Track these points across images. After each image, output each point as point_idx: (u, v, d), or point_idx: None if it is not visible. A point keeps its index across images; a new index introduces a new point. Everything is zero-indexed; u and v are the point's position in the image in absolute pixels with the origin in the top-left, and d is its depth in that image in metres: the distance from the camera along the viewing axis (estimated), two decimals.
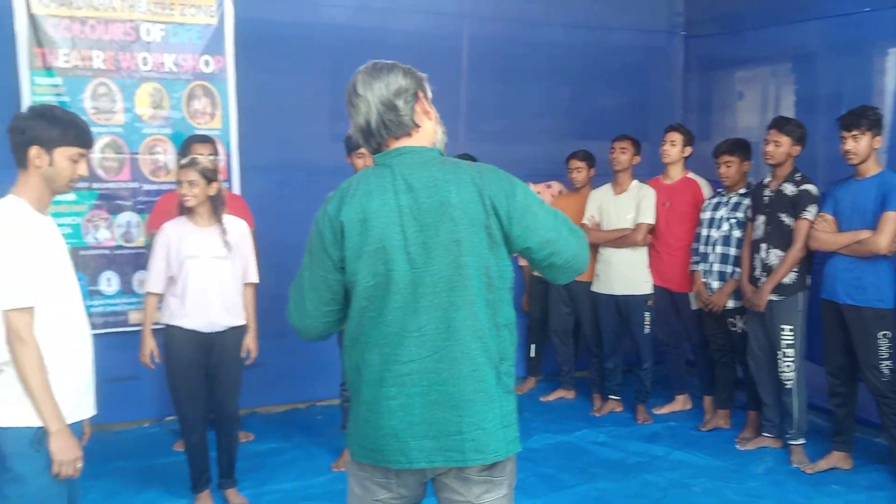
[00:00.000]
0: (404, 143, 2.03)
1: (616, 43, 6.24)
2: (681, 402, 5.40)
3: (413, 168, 1.98)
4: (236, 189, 4.99)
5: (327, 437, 4.85)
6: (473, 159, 3.70)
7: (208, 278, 3.68)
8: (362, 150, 4.18)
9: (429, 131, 2.07)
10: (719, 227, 4.76)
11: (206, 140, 4.53)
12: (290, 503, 4.02)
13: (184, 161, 3.74)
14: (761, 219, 4.45)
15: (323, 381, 5.07)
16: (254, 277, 3.89)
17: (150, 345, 3.80)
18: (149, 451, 4.69)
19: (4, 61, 4.49)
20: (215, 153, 4.51)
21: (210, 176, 3.67)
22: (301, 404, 5.50)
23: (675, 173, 5.11)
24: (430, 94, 2.10)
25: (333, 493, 4.10)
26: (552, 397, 5.66)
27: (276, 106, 5.18)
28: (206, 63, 4.95)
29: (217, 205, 3.72)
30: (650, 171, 5.58)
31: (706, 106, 6.46)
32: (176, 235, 3.68)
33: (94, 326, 2.67)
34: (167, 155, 4.92)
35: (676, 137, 5.05)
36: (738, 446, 4.74)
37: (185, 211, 3.72)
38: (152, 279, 3.75)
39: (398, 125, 2.01)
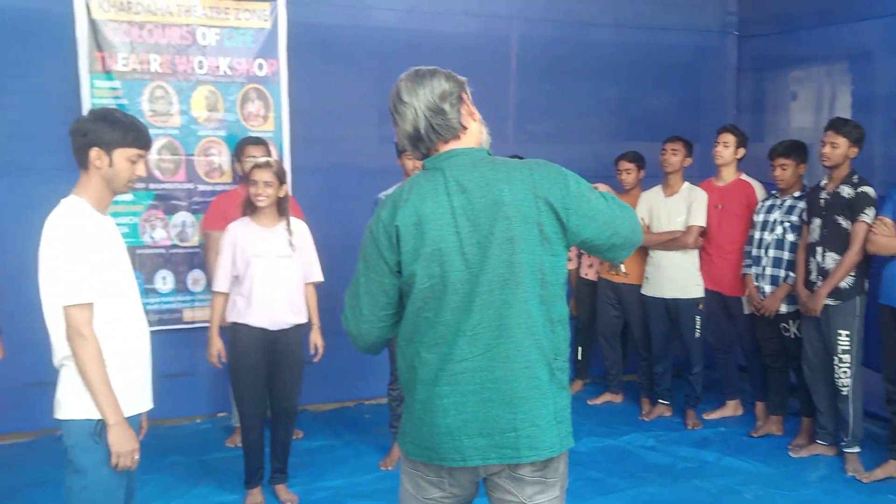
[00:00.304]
0: (453, 145, 2.04)
1: (667, 43, 6.18)
2: (732, 408, 5.32)
3: (464, 169, 1.99)
4: (288, 190, 5.06)
5: (375, 436, 4.90)
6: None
7: (273, 277, 3.76)
8: (413, 152, 4.21)
9: (475, 132, 2.09)
10: (772, 230, 4.68)
11: (259, 142, 4.62)
12: (338, 500, 4.07)
13: (260, 161, 3.82)
14: (817, 222, 4.36)
15: (371, 380, 5.13)
16: (318, 276, 3.97)
17: (217, 344, 3.85)
18: (202, 446, 4.79)
19: (66, 65, 4.64)
20: (268, 155, 4.59)
21: (282, 178, 3.78)
22: (349, 402, 5.56)
23: (728, 175, 5.04)
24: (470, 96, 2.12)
25: (382, 490, 4.14)
26: (599, 400, 5.62)
27: (327, 108, 5.25)
28: (260, 66, 5.04)
29: (283, 206, 3.81)
30: (701, 172, 5.51)
31: (759, 106, 6.36)
32: (241, 235, 3.76)
33: (149, 324, 2.74)
34: (221, 157, 5.02)
35: (730, 139, 4.98)
36: (791, 453, 4.65)
37: (250, 211, 3.80)
38: (219, 279, 3.82)
39: (447, 129, 2.02)
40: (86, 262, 2.42)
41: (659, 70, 6.21)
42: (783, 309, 4.67)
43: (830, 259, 4.27)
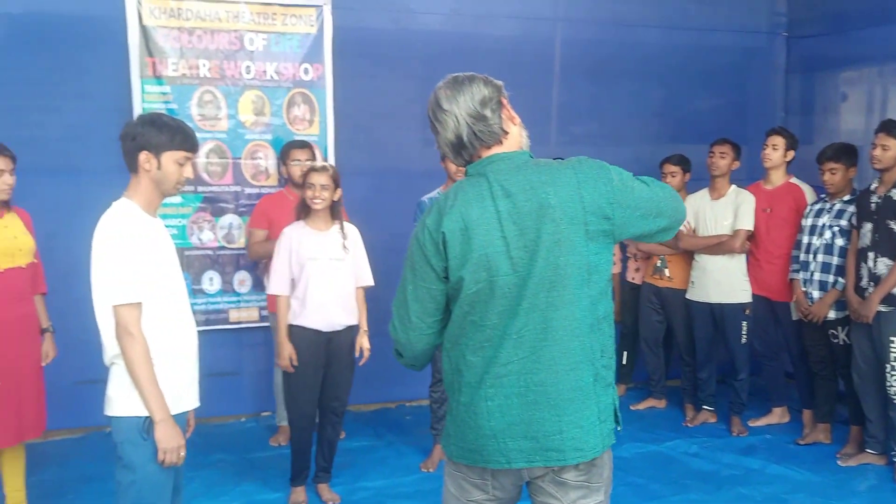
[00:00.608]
0: (495, 150, 2.04)
1: (713, 44, 6.11)
2: (778, 415, 5.23)
3: (508, 174, 1.99)
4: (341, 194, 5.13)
5: (416, 437, 4.93)
6: None
7: (327, 280, 3.82)
8: None
9: (516, 136, 2.08)
10: (821, 234, 4.59)
11: (304, 146, 4.69)
12: (380, 501, 4.10)
13: (317, 165, 3.88)
14: (868, 226, 4.26)
15: (412, 381, 5.13)
16: (369, 280, 4.01)
17: (288, 347, 3.85)
18: (246, 444, 4.86)
19: (118, 70, 4.76)
20: (313, 158, 4.65)
21: (337, 182, 3.84)
22: (391, 404, 5.60)
23: (777, 178, 4.96)
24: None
25: (423, 492, 4.16)
26: (642, 406, 5.57)
27: (371, 112, 5.30)
28: (306, 71, 5.11)
29: (336, 209, 3.87)
30: (748, 175, 5.43)
31: (808, 108, 6.24)
32: (297, 239, 3.82)
33: (196, 324, 2.79)
34: (268, 160, 5.10)
35: (779, 141, 4.89)
36: (839, 462, 4.55)
37: (304, 215, 3.86)
38: (278, 282, 3.86)
39: (489, 134, 2.02)
40: (135, 262, 2.48)
41: (705, 71, 6.13)
42: (831, 315, 4.58)
43: (882, 264, 4.17)
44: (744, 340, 5.02)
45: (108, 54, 4.75)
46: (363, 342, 3.99)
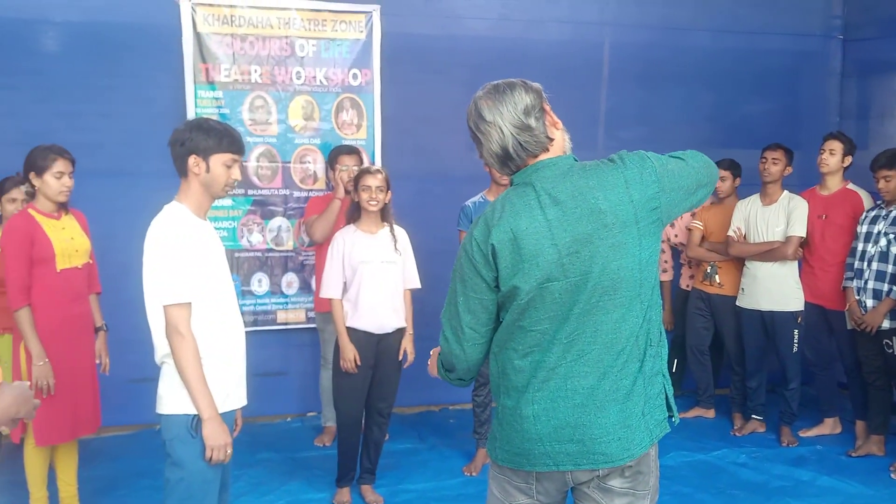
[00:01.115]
0: (541, 157, 2.02)
1: (766, 47, 6.01)
2: (829, 426, 5.11)
3: (554, 181, 1.97)
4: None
5: (459, 441, 4.94)
6: None
7: (379, 282, 3.86)
8: None
9: (560, 141, 2.07)
10: (876, 242, 4.48)
11: (353, 151, 4.74)
12: None
13: (371, 168, 3.95)
14: None
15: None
16: (416, 283, 4.05)
17: (352, 349, 3.87)
18: (292, 444, 4.93)
19: (173, 76, 4.89)
20: (361, 163, 4.71)
21: (389, 184, 3.89)
22: (434, 407, 5.62)
23: (833, 184, 4.85)
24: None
25: (465, 496, 4.17)
26: (690, 414, 5.48)
27: (417, 116, 5.34)
28: (355, 76, 5.18)
29: (386, 212, 3.92)
30: (800, 181, 5.33)
31: (864, 113, 6.09)
32: (350, 242, 3.87)
33: (245, 324, 2.85)
34: (316, 164, 5.18)
35: (836, 146, 4.79)
36: (892, 475, 4.43)
37: (355, 218, 3.90)
38: (333, 286, 3.90)
39: (535, 144, 2.00)
40: (185, 264, 2.55)
41: (757, 75, 6.04)
42: (885, 324, 4.46)
43: None
44: (795, 349, 4.92)
45: (164, 61, 4.88)
46: (408, 346, 4.01)
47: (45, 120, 4.67)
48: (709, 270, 5.25)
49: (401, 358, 4.00)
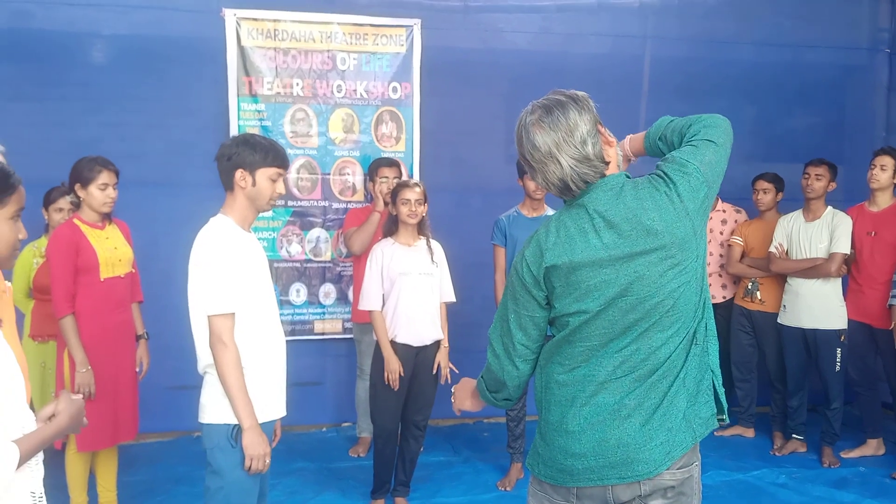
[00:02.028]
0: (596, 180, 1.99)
1: (810, 61, 5.93)
2: (873, 447, 4.99)
3: (607, 203, 1.94)
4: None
5: (493, 455, 4.92)
6: None
7: (417, 294, 3.89)
8: None
9: (614, 159, 2.03)
10: None
11: (392, 164, 4.78)
12: None
13: (409, 181, 3.99)
14: None
15: None
16: (451, 296, 4.06)
17: (396, 361, 3.88)
18: (327, 454, 4.95)
19: (217, 89, 4.97)
20: (400, 175, 4.74)
21: (427, 198, 3.92)
22: (469, 420, 5.61)
23: (884, 200, 4.75)
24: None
25: None
26: (728, 432, 5.40)
27: (456, 129, 5.36)
28: (394, 89, 5.22)
29: (423, 225, 3.95)
30: (846, 196, 5.24)
31: None
32: (388, 255, 3.90)
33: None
34: (355, 176, 5.22)
35: (888, 161, 4.69)
36: None
37: (392, 231, 3.93)
38: (373, 298, 3.92)
39: (594, 174, 1.95)
40: (229, 275, 2.59)
41: (800, 89, 5.95)
42: None
43: None
44: (838, 368, 4.82)
45: (208, 74, 4.97)
46: (443, 359, 4.01)
47: (92, 130, 4.78)
48: (750, 287, 5.18)
49: (435, 371, 4.01)
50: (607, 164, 1.98)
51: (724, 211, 5.43)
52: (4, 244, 1.81)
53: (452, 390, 2.39)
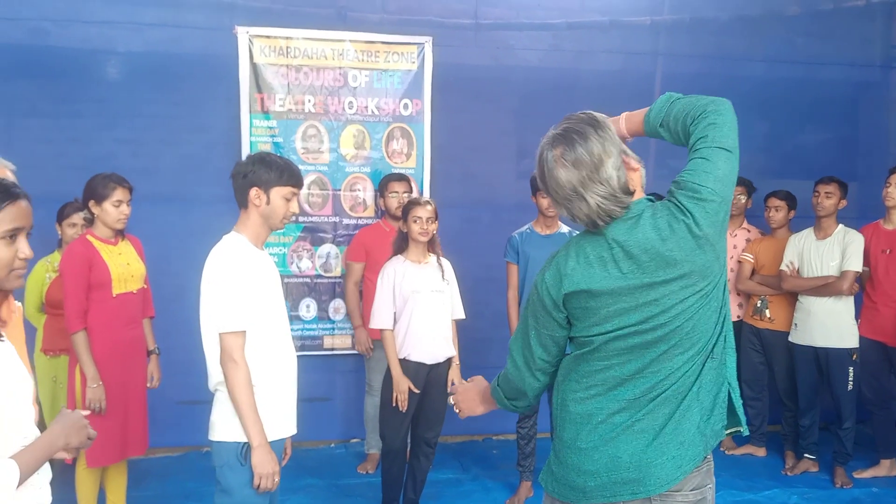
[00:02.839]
0: None
1: (821, 77, 5.92)
2: (886, 467, 4.93)
3: (625, 233, 1.91)
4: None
5: (503, 472, 4.90)
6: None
7: (429, 312, 3.89)
8: None
9: (638, 182, 2.01)
10: None
11: (402, 178, 4.81)
12: None
13: (420, 199, 3.99)
14: None
15: (500, 415, 5.07)
16: (461, 313, 4.07)
17: (407, 381, 3.88)
18: (335, 470, 4.94)
19: (229, 106, 5.01)
20: (410, 191, 4.76)
21: (437, 215, 3.93)
22: (478, 436, 5.59)
23: None
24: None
25: None
26: (739, 451, 5.36)
27: (466, 145, 5.38)
28: (405, 106, 5.24)
29: (434, 242, 3.96)
30: (859, 213, 5.21)
31: None
32: (400, 273, 3.90)
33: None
34: (366, 192, 5.24)
35: None
36: None
37: (401, 248, 3.94)
38: (384, 317, 3.91)
39: (620, 208, 1.91)
40: (241, 293, 2.60)
41: (812, 106, 5.95)
42: None
43: None
44: (850, 387, 4.78)
45: (221, 90, 5.01)
46: (456, 376, 4.00)
47: (106, 146, 4.83)
48: (759, 304, 5.15)
49: (449, 390, 4.00)
50: (632, 193, 1.95)
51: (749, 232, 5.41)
52: None
53: (452, 400, 2.40)
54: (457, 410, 2.41)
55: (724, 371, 1.99)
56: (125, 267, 3.66)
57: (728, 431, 2.06)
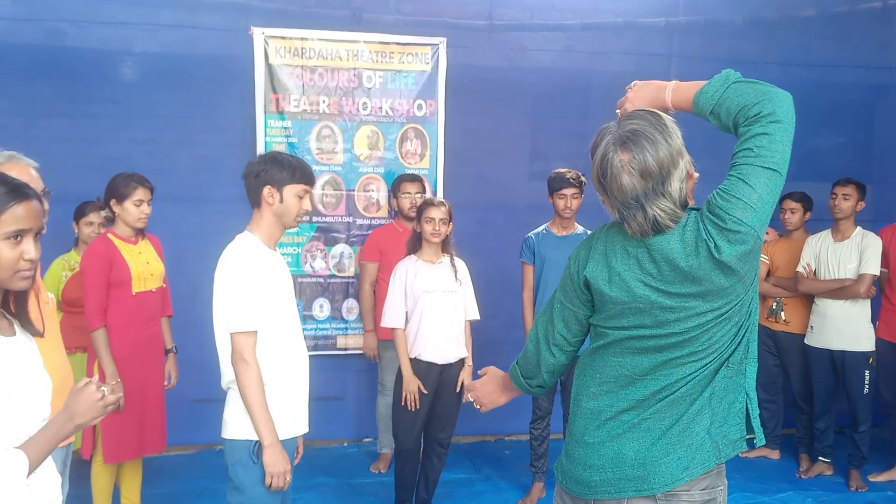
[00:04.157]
0: None
1: (837, 80, 5.88)
2: None
3: (657, 236, 1.87)
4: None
5: (515, 473, 4.89)
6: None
7: (442, 312, 3.89)
8: (564, 191, 4.24)
9: (691, 191, 1.98)
10: None
11: (415, 179, 4.82)
12: None
13: (434, 200, 4.00)
14: None
15: (513, 415, 5.10)
16: (475, 314, 4.07)
17: (416, 381, 3.88)
18: (348, 469, 4.96)
19: (244, 107, 5.04)
20: (423, 191, 4.77)
21: (451, 217, 3.93)
22: (490, 437, 5.59)
23: None
24: None
25: None
26: (753, 454, 5.33)
27: (480, 146, 5.39)
28: (419, 107, 5.26)
29: (447, 242, 3.96)
30: (875, 216, 5.18)
31: None
32: (412, 272, 3.91)
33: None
34: (379, 192, 5.26)
35: None
36: None
37: (414, 248, 3.95)
38: (396, 315, 3.93)
39: (673, 223, 1.87)
40: (253, 293, 2.62)
41: (828, 109, 5.90)
42: None
43: None
44: (866, 390, 4.75)
45: (236, 91, 5.05)
46: (467, 378, 4.01)
47: (122, 146, 4.87)
48: (774, 307, 5.13)
49: (458, 390, 4.00)
50: (687, 205, 1.91)
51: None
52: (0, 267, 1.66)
53: (471, 396, 2.40)
54: (478, 406, 2.41)
55: (741, 381, 1.97)
56: (145, 266, 3.70)
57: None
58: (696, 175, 1.98)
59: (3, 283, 1.69)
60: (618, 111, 2.03)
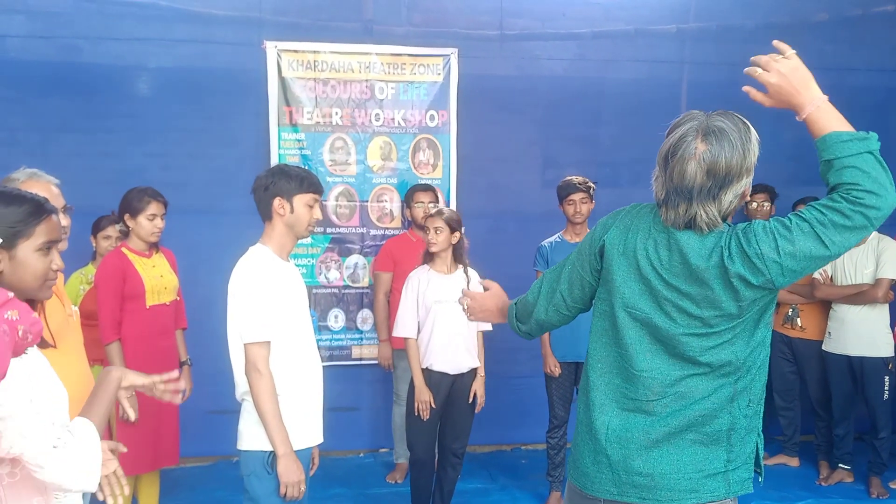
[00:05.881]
0: None
1: (852, 84, 5.83)
2: None
3: (688, 239, 1.87)
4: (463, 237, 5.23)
5: (531, 483, 4.87)
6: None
7: (453, 322, 3.88)
8: (573, 196, 4.25)
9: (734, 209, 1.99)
10: None
11: (427, 188, 4.84)
12: None
13: (433, 211, 4.01)
14: None
15: (529, 424, 5.12)
16: (488, 325, 4.04)
17: (428, 392, 3.89)
18: (364, 480, 4.96)
19: (258, 119, 5.08)
20: (436, 201, 4.78)
21: (454, 225, 3.92)
22: (506, 446, 5.57)
23: None
24: None
25: None
26: (772, 461, 5.28)
27: (492, 155, 5.40)
28: (432, 117, 5.28)
29: (459, 252, 3.95)
30: (890, 220, 5.10)
31: None
32: (424, 282, 3.92)
33: (320, 359, 2.90)
34: (393, 203, 5.28)
35: None
36: None
37: (428, 258, 3.96)
38: (408, 325, 3.94)
39: (707, 228, 1.86)
40: (266, 304, 2.64)
41: (842, 112, 5.85)
42: None
43: None
44: (886, 396, 4.71)
45: (250, 104, 5.08)
46: (479, 388, 4.00)
47: (137, 160, 4.91)
48: (790, 313, 5.09)
49: (471, 401, 3.99)
50: (726, 219, 1.90)
51: None
52: (31, 276, 1.74)
53: (464, 303, 2.41)
54: (467, 314, 2.43)
55: (756, 421, 1.97)
56: (158, 279, 3.73)
57: None
58: (748, 198, 1.96)
59: (33, 292, 1.77)
60: (756, 69, 2.05)
